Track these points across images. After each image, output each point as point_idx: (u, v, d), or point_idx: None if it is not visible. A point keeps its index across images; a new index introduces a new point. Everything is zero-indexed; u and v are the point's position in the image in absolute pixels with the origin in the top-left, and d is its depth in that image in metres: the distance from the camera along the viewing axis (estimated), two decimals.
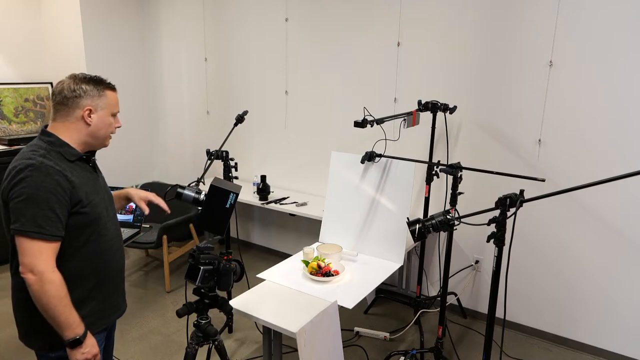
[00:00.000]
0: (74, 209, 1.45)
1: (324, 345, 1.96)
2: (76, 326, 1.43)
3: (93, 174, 1.59)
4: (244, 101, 4.18)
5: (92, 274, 1.55)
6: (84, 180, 1.51)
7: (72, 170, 1.48)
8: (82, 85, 1.51)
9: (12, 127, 4.43)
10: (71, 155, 1.50)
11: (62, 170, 1.43)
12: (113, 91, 1.60)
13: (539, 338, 3.07)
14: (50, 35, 4.50)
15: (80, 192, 1.46)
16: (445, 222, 1.88)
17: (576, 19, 2.64)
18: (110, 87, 1.59)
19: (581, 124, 2.73)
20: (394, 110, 3.35)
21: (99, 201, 1.56)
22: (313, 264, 2.37)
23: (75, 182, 1.46)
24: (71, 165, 1.48)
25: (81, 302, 1.52)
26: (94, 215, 1.52)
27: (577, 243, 2.85)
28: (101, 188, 1.62)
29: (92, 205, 1.51)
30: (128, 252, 4.34)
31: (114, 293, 1.66)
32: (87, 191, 1.50)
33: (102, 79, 1.59)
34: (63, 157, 1.48)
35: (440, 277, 3.37)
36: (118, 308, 1.69)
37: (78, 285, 1.51)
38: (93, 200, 1.52)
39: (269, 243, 4.38)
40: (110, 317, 1.66)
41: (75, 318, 1.43)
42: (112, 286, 1.64)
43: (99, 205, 1.55)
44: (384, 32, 3.30)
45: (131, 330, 3.09)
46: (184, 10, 4.39)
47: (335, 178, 2.82)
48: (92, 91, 1.52)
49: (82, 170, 1.53)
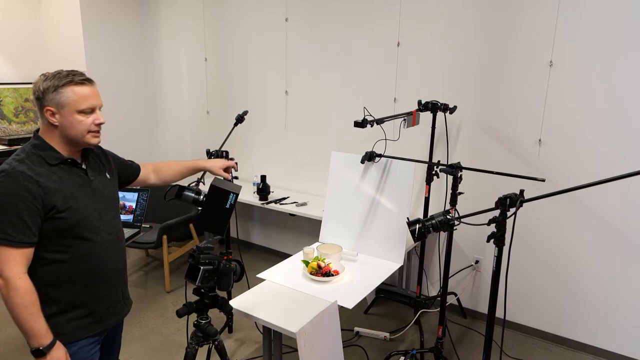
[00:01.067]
0: (49, 214, 1.41)
1: (324, 345, 1.96)
2: (41, 336, 1.39)
3: (82, 177, 1.53)
4: (244, 101, 4.18)
5: (79, 279, 1.51)
6: (66, 185, 1.46)
7: (52, 174, 1.43)
8: (42, 85, 1.42)
9: (12, 127, 4.43)
10: (53, 159, 1.45)
11: (35, 175, 1.39)
12: (79, 85, 1.45)
13: (539, 338, 3.07)
14: (50, 35, 4.50)
15: (55, 198, 1.41)
16: (445, 222, 1.88)
17: (576, 19, 2.64)
18: (74, 81, 1.44)
19: (581, 124, 2.73)
20: (394, 110, 3.35)
21: (86, 205, 1.50)
22: (313, 264, 2.37)
23: (50, 188, 1.41)
24: (52, 170, 1.44)
25: (69, 306, 1.50)
26: (76, 220, 1.46)
27: (577, 243, 2.85)
28: (94, 191, 1.55)
29: (72, 211, 1.45)
30: (128, 252, 4.33)
31: (110, 297, 1.62)
32: (67, 196, 1.45)
33: (69, 73, 1.45)
34: (44, 161, 1.44)
35: (440, 277, 3.36)
36: (117, 312, 1.66)
37: (64, 289, 1.49)
38: (75, 205, 1.46)
39: (269, 243, 4.38)
40: (107, 321, 1.62)
41: (41, 328, 1.39)
42: (107, 290, 1.60)
43: (85, 210, 1.49)
44: (384, 32, 3.30)
45: (131, 330, 3.09)
46: (184, 10, 4.39)
47: (335, 178, 2.82)
48: (49, 90, 1.41)
49: (67, 174, 1.48)
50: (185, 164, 1.98)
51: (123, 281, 1.70)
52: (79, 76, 1.47)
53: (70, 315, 1.51)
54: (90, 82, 1.50)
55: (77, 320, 1.52)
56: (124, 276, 1.70)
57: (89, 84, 1.49)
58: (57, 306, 1.49)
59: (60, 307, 1.49)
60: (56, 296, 1.48)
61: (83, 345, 1.55)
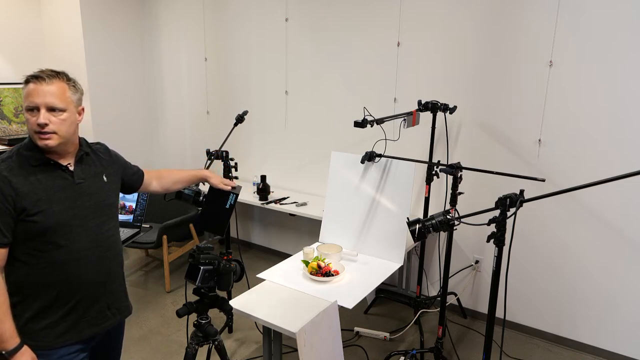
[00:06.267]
0: (20, 216, 1.38)
1: (324, 345, 1.96)
2: (5, 340, 1.36)
3: (66, 180, 1.48)
4: (244, 101, 4.18)
5: (52, 285, 1.46)
6: (42, 188, 1.42)
7: (29, 176, 1.41)
8: None
9: (12, 127, 4.43)
10: (35, 160, 1.43)
11: (10, 176, 1.37)
12: (29, 83, 1.39)
13: (539, 338, 3.07)
14: (50, 35, 4.50)
15: (26, 200, 1.38)
16: (445, 222, 1.88)
17: (576, 19, 2.64)
18: (27, 80, 1.40)
19: (581, 124, 2.73)
20: (394, 110, 3.35)
21: (62, 210, 1.44)
22: (313, 264, 2.37)
23: (22, 190, 1.38)
24: (32, 171, 1.42)
25: (42, 312, 1.47)
26: (48, 224, 1.41)
27: (577, 243, 2.85)
28: (79, 195, 1.49)
29: (45, 214, 1.40)
30: (128, 252, 4.34)
31: (90, 308, 1.54)
32: (41, 199, 1.40)
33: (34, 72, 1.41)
34: (27, 161, 1.43)
35: (440, 277, 3.36)
36: (97, 323, 1.57)
37: (40, 292, 1.46)
38: (48, 208, 1.41)
39: (269, 243, 4.38)
40: (84, 330, 1.54)
41: (6, 331, 1.36)
42: (84, 301, 1.52)
43: (60, 215, 1.43)
44: (384, 32, 3.30)
45: (131, 330, 3.09)
46: (184, 10, 4.39)
47: (335, 178, 2.82)
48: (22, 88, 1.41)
49: (47, 176, 1.44)
50: (188, 172, 1.98)
51: (110, 292, 1.60)
52: (38, 73, 1.41)
53: (44, 322, 1.47)
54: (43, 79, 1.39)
55: (50, 328, 1.48)
56: (113, 287, 1.62)
57: (39, 81, 1.39)
58: (30, 310, 1.46)
59: (33, 312, 1.46)
60: (29, 300, 1.46)
61: (63, 353, 1.51)
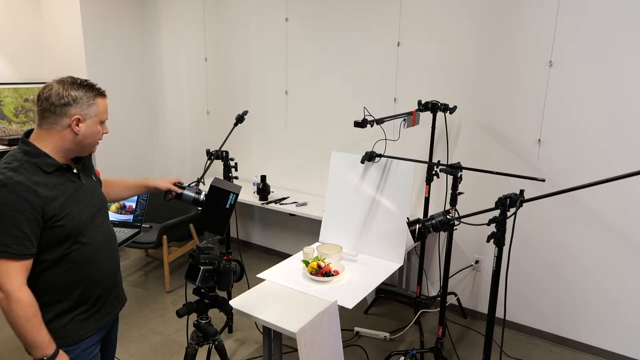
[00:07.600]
0: (47, 223, 1.39)
1: (324, 345, 1.96)
2: (44, 347, 1.39)
3: (75, 182, 1.51)
4: (244, 101, 4.18)
5: (78, 283, 1.51)
6: (61, 192, 1.44)
7: (47, 182, 1.41)
8: (71, 92, 1.43)
9: (12, 127, 4.43)
10: (48, 166, 1.43)
11: (33, 185, 1.37)
12: (103, 98, 1.52)
13: (539, 338, 3.07)
14: (50, 35, 4.50)
15: (54, 206, 1.40)
16: (445, 222, 1.88)
17: (576, 19, 2.64)
18: (101, 93, 1.51)
19: (581, 124, 2.73)
20: (394, 110, 3.35)
21: (81, 210, 1.49)
22: (313, 264, 2.37)
23: (48, 196, 1.39)
24: (48, 177, 1.42)
25: (66, 310, 1.50)
26: (72, 227, 1.45)
27: (577, 243, 2.85)
28: (86, 195, 1.54)
29: (69, 217, 1.44)
30: (128, 252, 4.34)
31: (107, 297, 1.63)
32: (64, 203, 1.43)
33: (93, 85, 1.50)
34: (39, 168, 1.41)
35: (440, 277, 3.36)
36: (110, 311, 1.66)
37: (63, 294, 1.48)
38: (71, 211, 1.45)
39: (269, 243, 4.38)
40: (102, 320, 1.62)
41: (44, 338, 1.39)
42: (104, 292, 1.61)
43: (81, 215, 1.48)
44: (384, 32, 3.30)
45: (131, 330, 3.09)
46: (184, 10, 4.39)
47: (335, 178, 2.82)
48: (81, 99, 1.44)
49: (61, 181, 1.46)
50: (133, 182, 1.93)
51: (117, 282, 1.70)
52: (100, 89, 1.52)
53: (68, 317, 1.50)
54: None
55: (73, 322, 1.52)
56: (119, 277, 1.71)
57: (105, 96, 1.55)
58: (54, 311, 1.48)
59: (57, 312, 1.48)
60: (54, 302, 1.47)
61: (85, 347, 1.55)
